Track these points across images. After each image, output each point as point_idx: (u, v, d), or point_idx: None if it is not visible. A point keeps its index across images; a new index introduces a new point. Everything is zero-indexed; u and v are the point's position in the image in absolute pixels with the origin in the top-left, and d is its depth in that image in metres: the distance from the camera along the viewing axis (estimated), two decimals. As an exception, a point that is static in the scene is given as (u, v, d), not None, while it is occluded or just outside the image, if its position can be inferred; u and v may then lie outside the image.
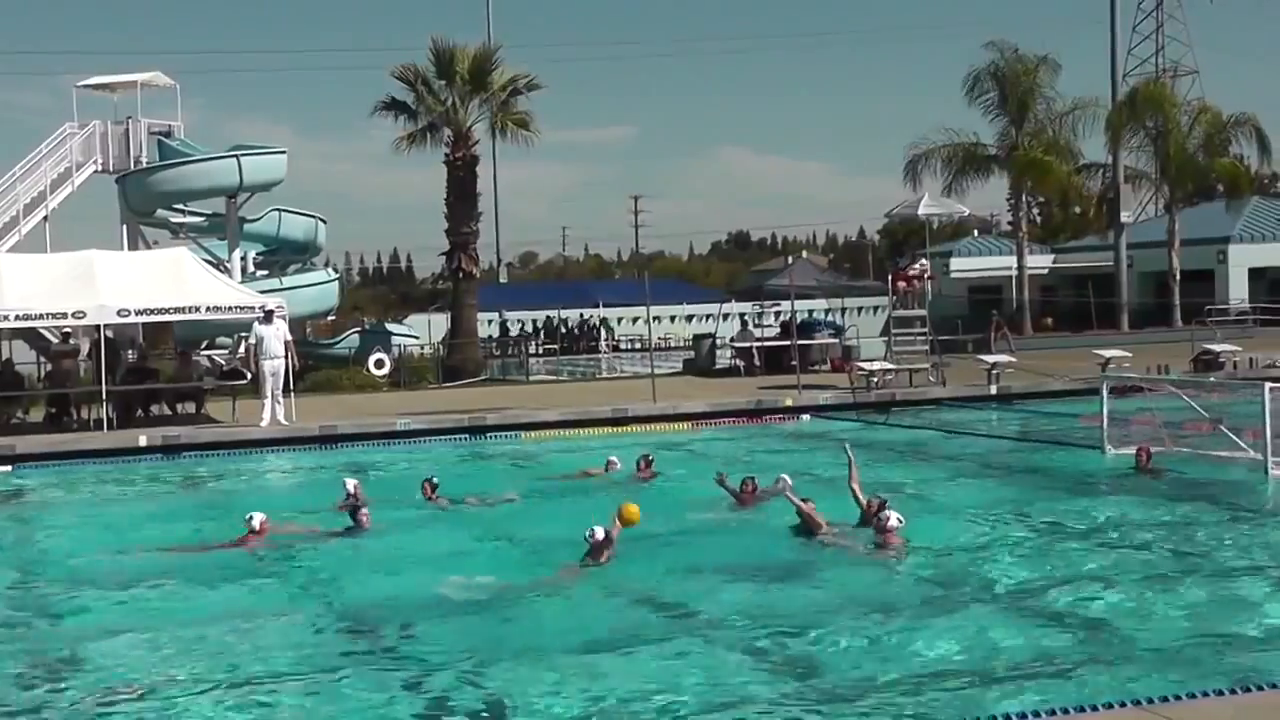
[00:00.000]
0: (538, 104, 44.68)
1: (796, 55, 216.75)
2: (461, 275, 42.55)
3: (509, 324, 60.21)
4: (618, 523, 13.86)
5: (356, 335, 46.23)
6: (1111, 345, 37.81)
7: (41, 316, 28.95)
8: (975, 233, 74.99)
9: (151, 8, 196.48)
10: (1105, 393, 21.86)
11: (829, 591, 12.79)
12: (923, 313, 35.67)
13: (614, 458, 21.35)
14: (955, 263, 65.38)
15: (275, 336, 28.21)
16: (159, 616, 12.61)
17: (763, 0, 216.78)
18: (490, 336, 53.11)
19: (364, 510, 16.62)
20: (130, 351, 35.20)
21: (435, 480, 18.98)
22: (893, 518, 14.54)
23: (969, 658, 10.31)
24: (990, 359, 33.29)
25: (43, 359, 36.38)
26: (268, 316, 28.26)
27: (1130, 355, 34.06)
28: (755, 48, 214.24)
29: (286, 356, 28.19)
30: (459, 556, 14.99)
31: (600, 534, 13.68)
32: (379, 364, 40.50)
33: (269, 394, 27.81)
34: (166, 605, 13.15)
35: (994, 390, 31.68)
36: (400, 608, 12.57)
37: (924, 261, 38.50)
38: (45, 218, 40.28)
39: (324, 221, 47.46)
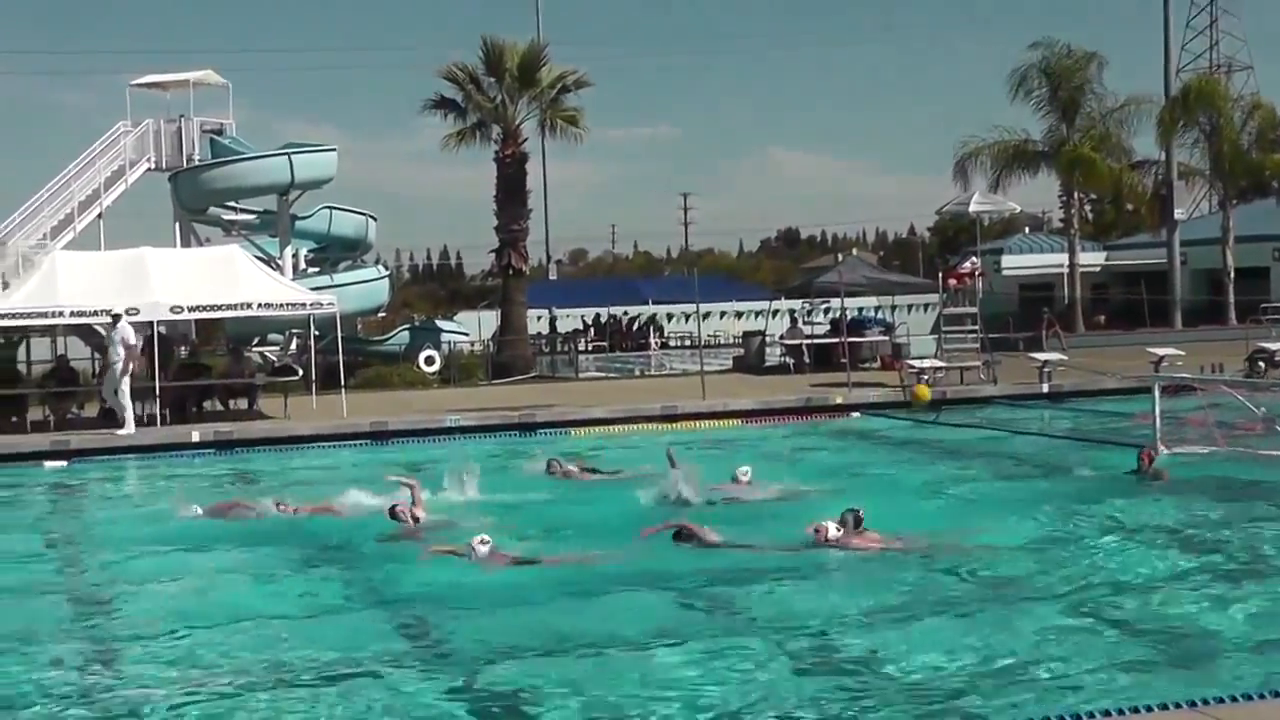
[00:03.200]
0: (586, 101, 44.76)
1: (847, 51, 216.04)
2: (511, 272, 42.64)
3: (558, 321, 60.29)
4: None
5: (407, 332, 46.36)
6: (1164, 343, 37.50)
7: (96, 313, 29.21)
8: (1026, 230, 74.60)
9: (204, 8, 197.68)
10: (1158, 392, 21.67)
11: (876, 596, 12.73)
12: (973, 310, 35.51)
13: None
14: (1006, 260, 65.00)
15: (112, 341, 27.56)
16: (210, 609, 12.67)
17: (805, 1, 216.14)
18: (540, 333, 53.17)
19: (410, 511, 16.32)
20: (183, 348, 35.44)
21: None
22: (831, 528, 14.32)
23: (1016, 657, 10.24)
24: (1042, 357, 33.08)
25: (97, 355, 36.66)
26: (114, 320, 27.57)
27: (1183, 354, 33.77)
28: (806, 44, 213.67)
29: (126, 360, 27.46)
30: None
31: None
32: (429, 360, 40.63)
33: (120, 401, 27.37)
34: (216, 598, 13.20)
35: (1045, 388, 31.50)
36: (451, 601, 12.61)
37: (975, 259, 38.35)
38: (99, 215, 40.57)
39: (374, 219, 47.63)
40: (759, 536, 14.85)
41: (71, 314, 28.71)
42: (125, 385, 27.31)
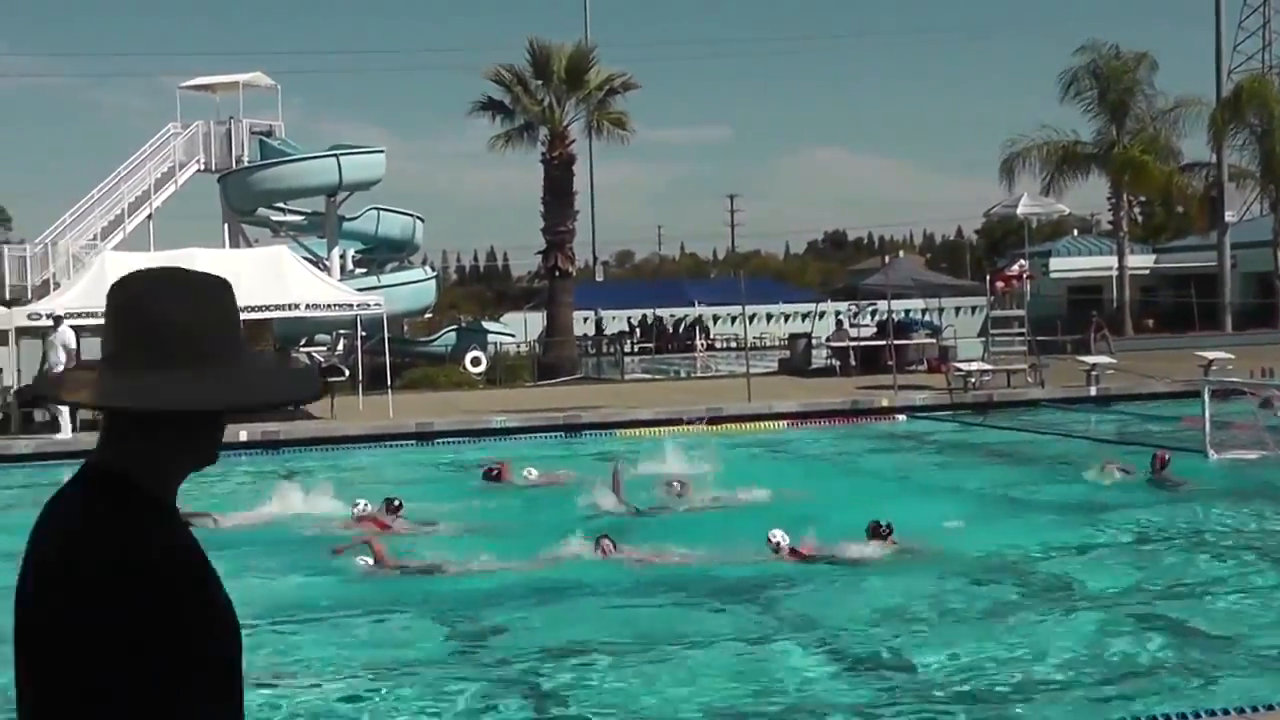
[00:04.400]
0: (633, 103, 44.83)
1: (894, 53, 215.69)
2: (558, 273, 42.70)
3: (604, 322, 60.31)
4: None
5: (453, 333, 46.49)
6: (1214, 347, 37.20)
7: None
8: (1075, 232, 74.15)
9: (252, 10, 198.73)
10: (1207, 395, 21.51)
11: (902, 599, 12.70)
12: (1021, 313, 35.34)
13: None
14: (1054, 262, 64.64)
15: (53, 345, 27.37)
16: (262, 608, 12.72)
17: (854, 2, 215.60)
18: (586, 335, 53.21)
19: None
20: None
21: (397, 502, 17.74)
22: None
23: (1061, 663, 10.18)
24: (1090, 360, 32.90)
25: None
26: (56, 323, 27.47)
27: (1233, 357, 33.47)
28: (851, 45, 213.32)
29: (67, 364, 26.84)
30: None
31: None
32: (475, 361, 40.73)
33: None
34: (270, 596, 13.25)
35: (1093, 392, 31.32)
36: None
37: (1023, 261, 38.17)
38: (149, 216, 40.84)
39: (421, 220, 47.79)
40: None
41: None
42: None
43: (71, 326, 29.97)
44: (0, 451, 26.05)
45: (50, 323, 27.57)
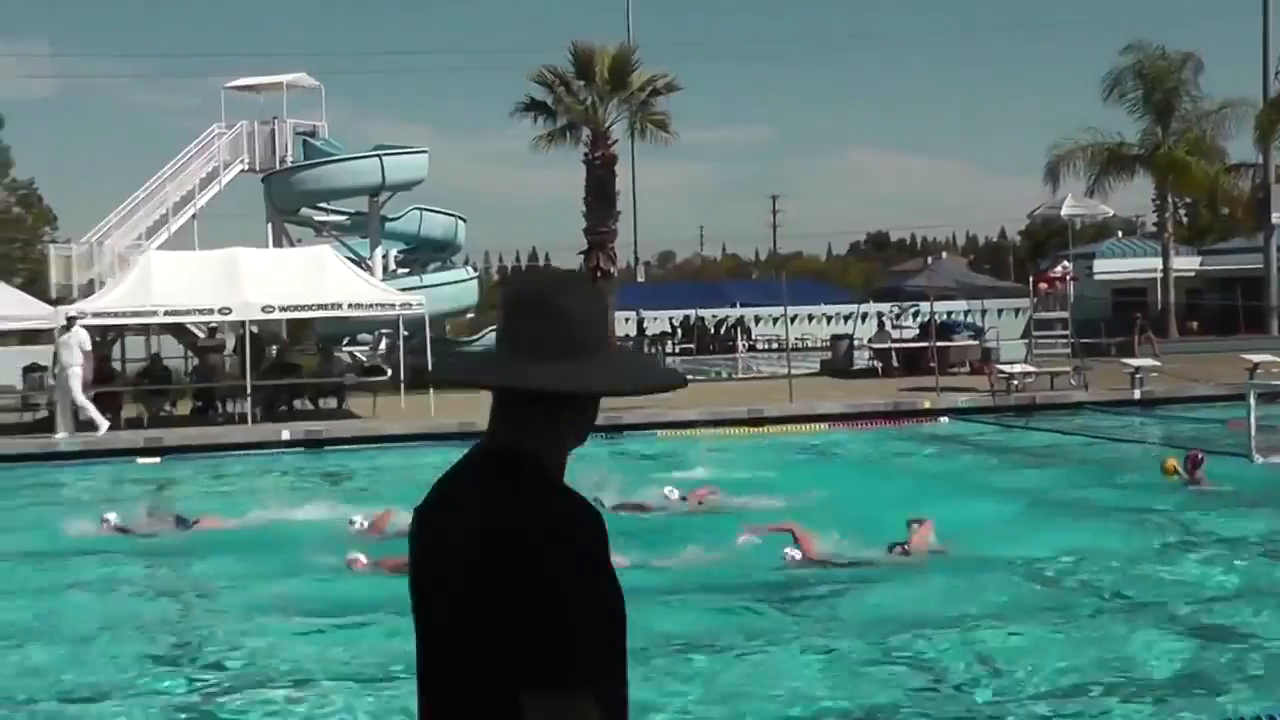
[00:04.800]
0: (676, 104, 44.79)
1: (936, 54, 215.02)
2: (599, 274, 42.68)
3: (646, 323, 60.34)
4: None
5: (495, 333, 46.53)
6: (1260, 350, 36.95)
7: (189, 312, 29.68)
8: (1119, 234, 73.77)
9: (296, 11, 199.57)
10: (1253, 399, 21.35)
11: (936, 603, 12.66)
12: (1064, 315, 35.21)
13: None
14: (1098, 264, 64.30)
15: (66, 345, 27.31)
16: (304, 607, 12.78)
17: (898, 1, 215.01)
18: (627, 335, 53.21)
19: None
20: (274, 347, 35.82)
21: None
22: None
23: (1097, 668, 10.12)
24: (1134, 362, 32.73)
25: (190, 354, 37.15)
26: (68, 324, 27.44)
27: (1279, 360, 33.31)
28: (893, 46, 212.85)
29: (85, 365, 27.24)
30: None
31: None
32: (517, 362, 40.75)
33: (64, 405, 27.20)
34: (311, 594, 13.31)
35: (1137, 394, 31.14)
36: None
37: (1066, 263, 38.01)
38: (193, 216, 41.08)
39: (464, 220, 47.88)
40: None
41: (165, 313, 29.11)
42: (80, 390, 27.13)
43: (118, 324, 30.30)
44: (3, 451, 26.19)
45: (63, 324, 27.59)
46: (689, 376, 42.45)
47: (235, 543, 16.24)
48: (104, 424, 27.13)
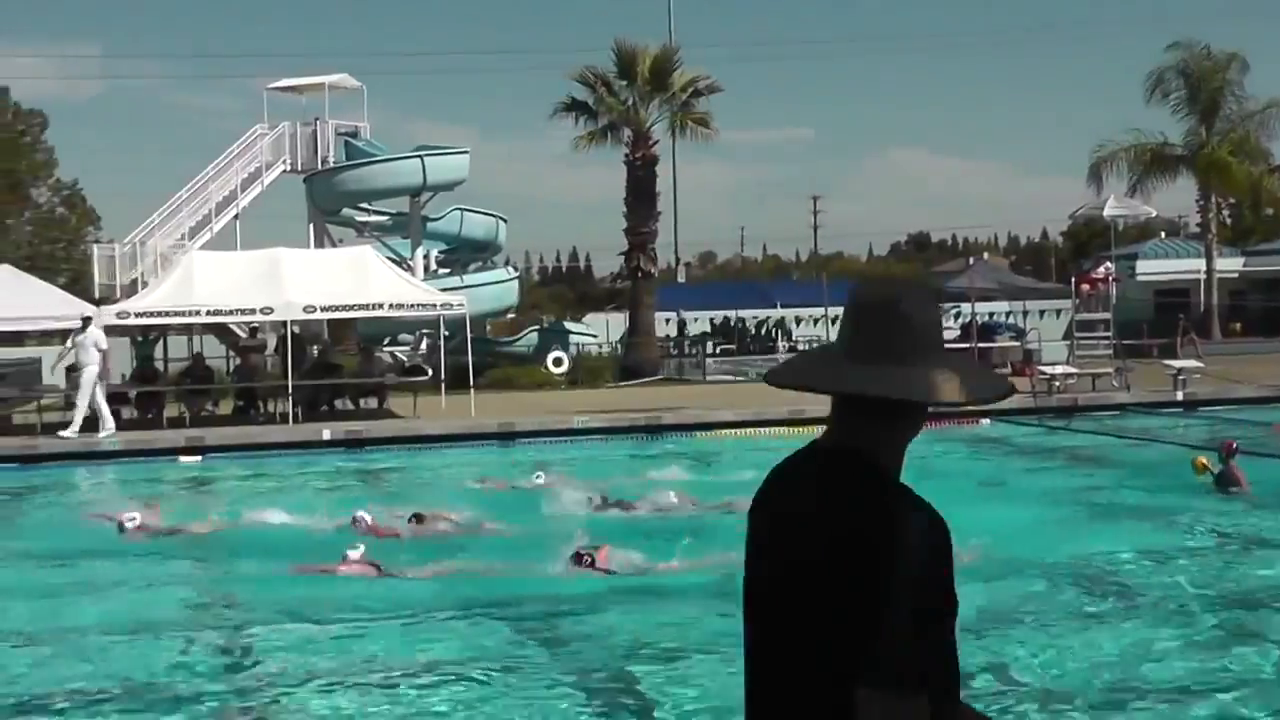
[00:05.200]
0: (717, 104, 44.86)
1: (977, 54, 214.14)
2: (640, 275, 42.76)
3: (686, 323, 60.30)
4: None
5: (535, 333, 46.65)
6: (1304, 351, 36.79)
7: (231, 312, 29.82)
8: (1162, 235, 73.38)
9: (338, 12, 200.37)
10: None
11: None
12: (1106, 316, 35.03)
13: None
14: (1141, 265, 63.97)
15: (83, 345, 27.35)
16: (344, 605, 12.80)
17: (939, 1, 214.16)
18: (668, 336, 53.21)
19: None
20: (315, 347, 35.95)
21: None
22: None
23: (1141, 672, 10.05)
24: (1176, 364, 32.53)
25: (232, 354, 37.32)
26: (84, 324, 27.49)
27: (1324, 362, 33.11)
28: (936, 47, 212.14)
29: (103, 364, 27.29)
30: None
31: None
32: (557, 362, 40.88)
33: (78, 403, 27.14)
34: (351, 594, 13.32)
35: (1180, 396, 30.95)
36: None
37: (1109, 264, 37.81)
38: (236, 216, 41.29)
39: (505, 220, 47.98)
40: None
41: (208, 313, 29.25)
42: (100, 390, 27.20)
43: (161, 324, 30.41)
44: (47, 450, 26.33)
45: (79, 324, 27.66)
46: (729, 377, 42.60)
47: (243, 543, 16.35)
48: (110, 427, 27.19)
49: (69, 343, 28.05)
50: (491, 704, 9.73)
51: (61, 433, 26.86)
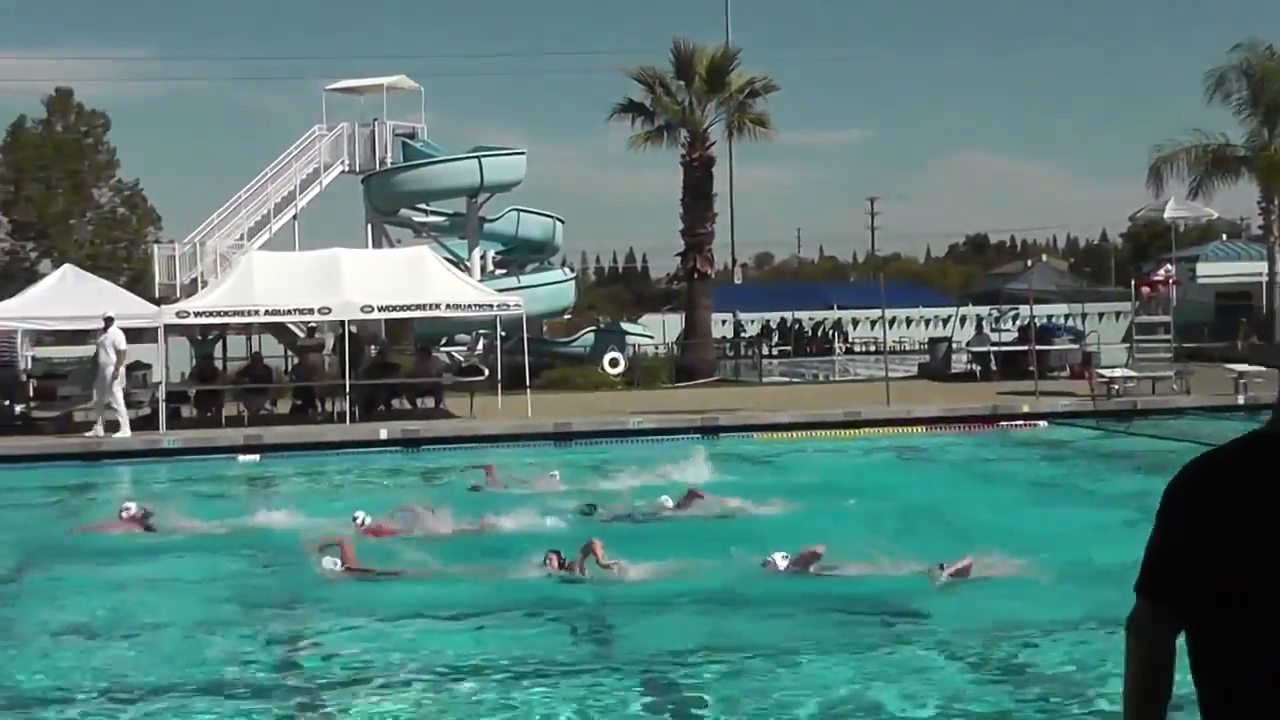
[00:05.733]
0: (774, 104, 44.66)
1: (1034, 55, 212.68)
2: (696, 275, 42.74)
3: (743, 325, 60.26)
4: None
5: (592, 334, 46.68)
6: (1367, 355, 36.30)
7: (289, 312, 30.00)
8: (1223, 237, 72.72)
9: (397, 14, 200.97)
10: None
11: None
12: (1167, 319, 34.75)
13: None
14: (1202, 268, 63.41)
15: (103, 345, 27.47)
16: (399, 604, 12.83)
17: (998, 1, 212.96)
18: (724, 337, 53.16)
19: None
20: (372, 347, 36.10)
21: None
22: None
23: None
24: (1238, 367, 32.20)
25: (290, 353, 37.54)
26: (106, 324, 27.53)
27: (1388, 366, 32.68)
28: (993, 48, 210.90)
29: (118, 365, 27.32)
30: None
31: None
32: (613, 363, 40.93)
33: (115, 405, 27.19)
34: (406, 593, 13.35)
35: (1241, 400, 30.62)
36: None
37: (1169, 266, 37.50)
38: (294, 217, 41.49)
39: (561, 221, 48.03)
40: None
41: (266, 312, 29.42)
42: (118, 390, 27.24)
43: (220, 323, 30.57)
44: (107, 447, 26.55)
45: (101, 324, 27.74)
46: (785, 379, 42.40)
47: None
48: (126, 428, 27.31)
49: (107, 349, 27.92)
50: (484, 705, 9.76)
51: (114, 434, 27.05)
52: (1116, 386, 30.76)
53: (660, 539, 15.34)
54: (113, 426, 27.09)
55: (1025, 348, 36.95)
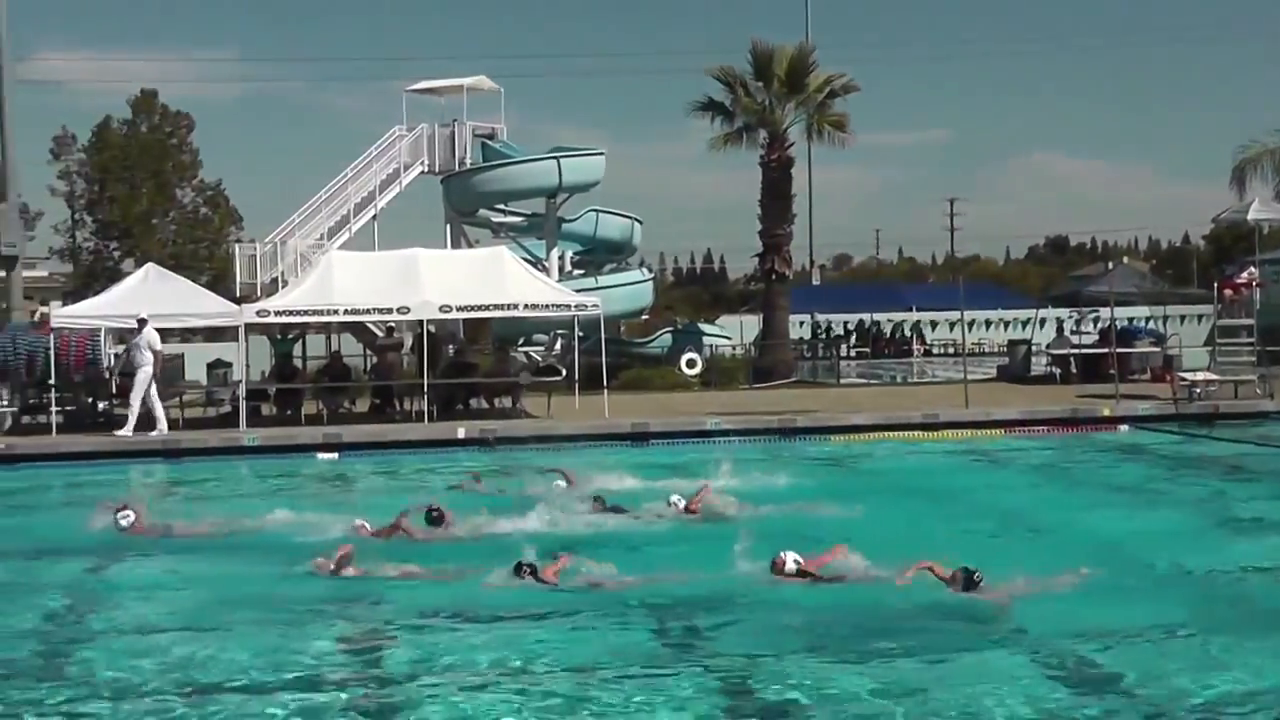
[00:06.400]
0: (853, 104, 44.55)
1: (1115, 56, 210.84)
2: (774, 276, 42.68)
3: (821, 326, 60.12)
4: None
5: (669, 334, 46.69)
6: None
7: (368, 311, 30.18)
8: (1309, 239, 71.85)
9: (477, 15, 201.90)
10: None
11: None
12: (1250, 322, 34.37)
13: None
14: (1286, 270, 62.67)
15: (137, 346, 27.57)
16: (472, 602, 12.86)
17: (1081, 2, 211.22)
18: (801, 338, 53.03)
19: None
20: (450, 346, 36.27)
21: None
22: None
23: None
24: (1322, 372, 31.81)
25: (369, 352, 37.78)
26: (140, 325, 27.56)
27: None
28: (1074, 49, 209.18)
29: (155, 365, 27.42)
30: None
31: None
32: (690, 363, 40.92)
33: (132, 402, 27.26)
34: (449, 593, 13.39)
35: (1326, 404, 30.29)
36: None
37: (1253, 268, 37.07)
38: (374, 217, 41.74)
39: (639, 222, 48.06)
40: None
41: (346, 312, 29.60)
42: (153, 390, 27.36)
43: (300, 322, 30.79)
44: (188, 445, 26.80)
45: (135, 324, 27.82)
46: (862, 381, 42.26)
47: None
48: (163, 428, 27.38)
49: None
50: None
51: (116, 432, 27.28)
52: (1198, 390, 30.44)
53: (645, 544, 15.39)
54: (146, 424, 27.35)
55: (1106, 350, 36.61)
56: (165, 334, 29.85)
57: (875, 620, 11.83)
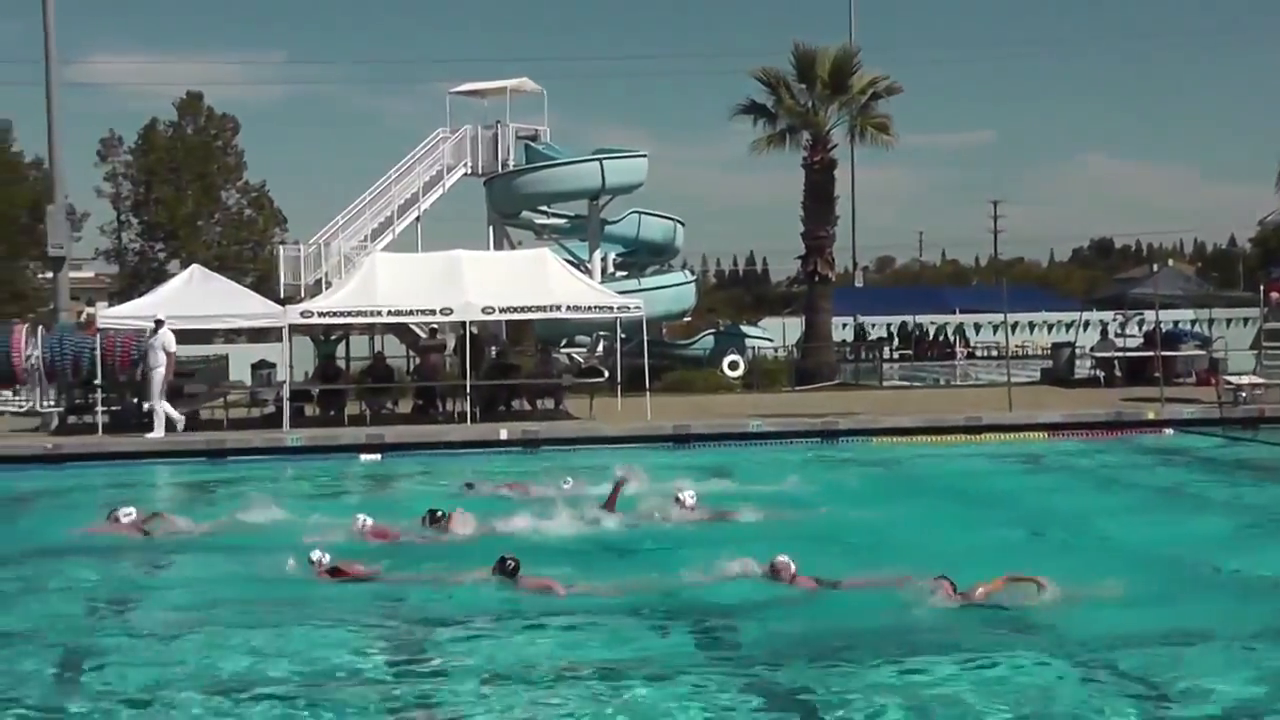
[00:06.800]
0: (896, 106, 44.47)
1: (1161, 57, 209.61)
2: (817, 278, 42.62)
3: (864, 328, 60.00)
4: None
5: (711, 336, 46.64)
6: None
7: (411, 313, 30.31)
8: (1356, 242, 71.35)
9: (520, 18, 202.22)
10: None
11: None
12: (1297, 325, 34.11)
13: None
14: (1333, 273, 62.24)
15: (152, 347, 27.54)
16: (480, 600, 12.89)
17: (1127, 3, 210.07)
18: (844, 341, 52.94)
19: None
20: (493, 348, 36.34)
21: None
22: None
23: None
24: (1370, 376, 31.57)
25: (412, 353, 37.90)
26: (156, 326, 27.59)
27: None
28: (1121, 50, 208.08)
29: (167, 367, 27.44)
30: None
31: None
32: (733, 365, 40.91)
33: (155, 406, 27.35)
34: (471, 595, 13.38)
35: (1373, 408, 30.04)
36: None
37: (1299, 271, 36.83)
38: (417, 218, 41.89)
39: (682, 224, 48.04)
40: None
41: (389, 313, 29.72)
42: (159, 390, 27.42)
43: (344, 323, 30.90)
44: (233, 444, 26.91)
45: (151, 325, 27.87)
46: (905, 383, 42.14)
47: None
48: (160, 430, 27.38)
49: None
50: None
51: (147, 435, 27.31)
52: (1244, 394, 30.24)
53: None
54: (167, 426, 27.48)
55: (1150, 353, 36.41)
56: (210, 334, 29.99)
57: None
